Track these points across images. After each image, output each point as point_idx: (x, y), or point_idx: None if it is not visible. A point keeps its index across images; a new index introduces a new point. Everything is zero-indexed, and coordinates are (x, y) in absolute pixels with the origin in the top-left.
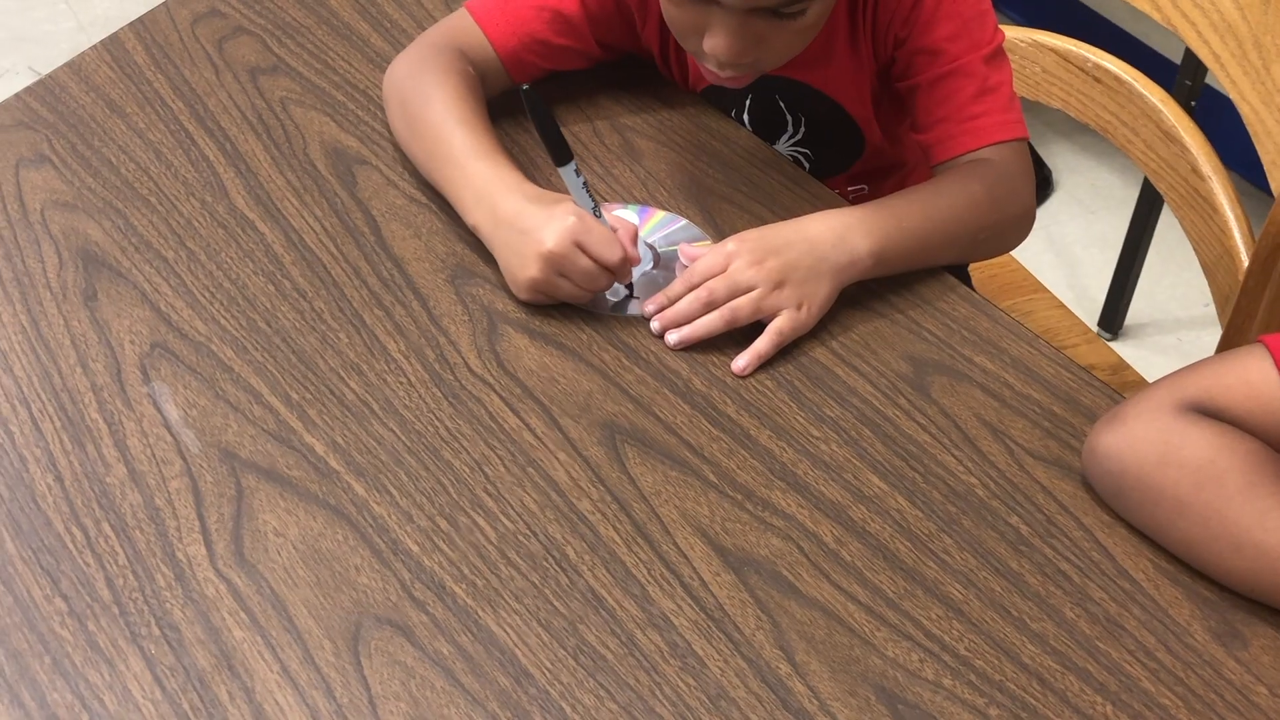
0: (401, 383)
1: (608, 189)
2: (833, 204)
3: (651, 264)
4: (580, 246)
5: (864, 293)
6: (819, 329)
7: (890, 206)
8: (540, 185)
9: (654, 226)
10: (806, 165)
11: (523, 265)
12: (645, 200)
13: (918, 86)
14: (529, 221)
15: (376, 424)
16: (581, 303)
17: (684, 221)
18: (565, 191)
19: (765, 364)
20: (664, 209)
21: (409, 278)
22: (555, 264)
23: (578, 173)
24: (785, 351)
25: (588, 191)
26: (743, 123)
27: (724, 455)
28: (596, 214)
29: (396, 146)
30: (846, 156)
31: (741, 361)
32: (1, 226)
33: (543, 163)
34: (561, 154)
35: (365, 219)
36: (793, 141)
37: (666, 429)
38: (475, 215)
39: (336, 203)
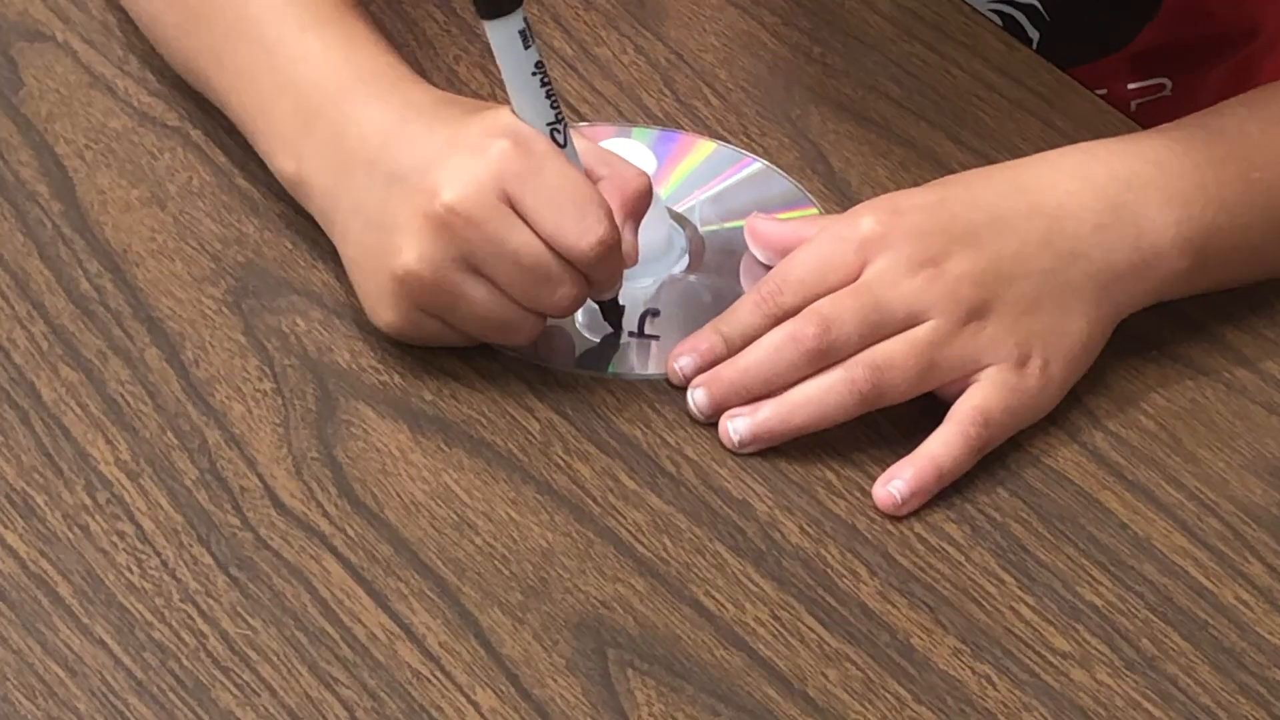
0: (122, 535)
1: (590, 96)
2: (1093, 125)
3: (683, 257)
4: (515, 204)
5: (1156, 322)
6: (1066, 408)
7: (1222, 137)
8: (446, 87)
9: (690, 175)
10: (1034, 35)
11: (388, 250)
12: (671, 117)
13: None
14: (412, 153)
15: (67, 628)
16: (519, 343)
17: (758, 164)
18: (500, 99)
19: (951, 486)
20: (713, 137)
21: (137, 293)
22: (460, 242)
23: (527, 38)
24: (991, 461)
25: (545, 86)
26: None
27: (856, 695)
28: (560, 139)
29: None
30: (1122, 15)
31: (898, 485)
32: None
33: (464, 33)
34: None
35: (42, 160)
36: None
37: (720, 636)
38: (298, 149)
39: None
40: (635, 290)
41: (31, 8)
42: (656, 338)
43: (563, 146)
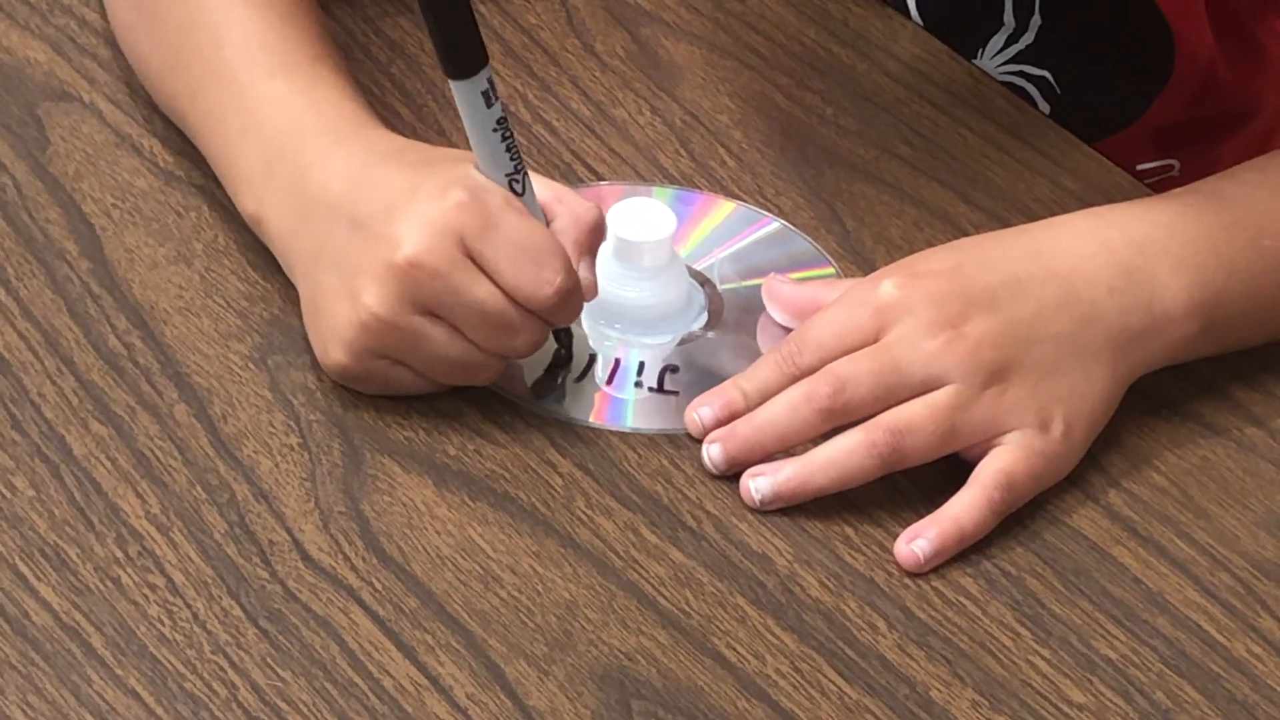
0: (153, 587)
1: (608, 156)
2: (1102, 186)
3: (702, 314)
4: (474, 256)
5: (1167, 380)
6: (1079, 465)
7: (1233, 203)
8: (413, 135)
9: (710, 234)
10: (1045, 106)
11: (349, 293)
12: (688, 177)
13: None
14: (373, 199)
15: (100, 679)
16: (478, 384)
17: (775, 223)
18: (466, 147)
19: (972, 546)
20: (730, 197)
21: (165, 349)
22: (423, 291)
23: (490, 97)
24: (1006, 517)
25: (505, 140)
26: (905, 10)
27: None
28: (518, 188)
29: (125, 62)
30: (1136, 86)
31: (921, 544)
32: None
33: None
34: (467, 54)
35: (70, 218)
36: (1016, 51)
37: (742, 687)
38: (260, 191)
39: (7, 183)
40: (655, 347)
41: (58, 69)
42: (676, 393)
43: (521, 195)
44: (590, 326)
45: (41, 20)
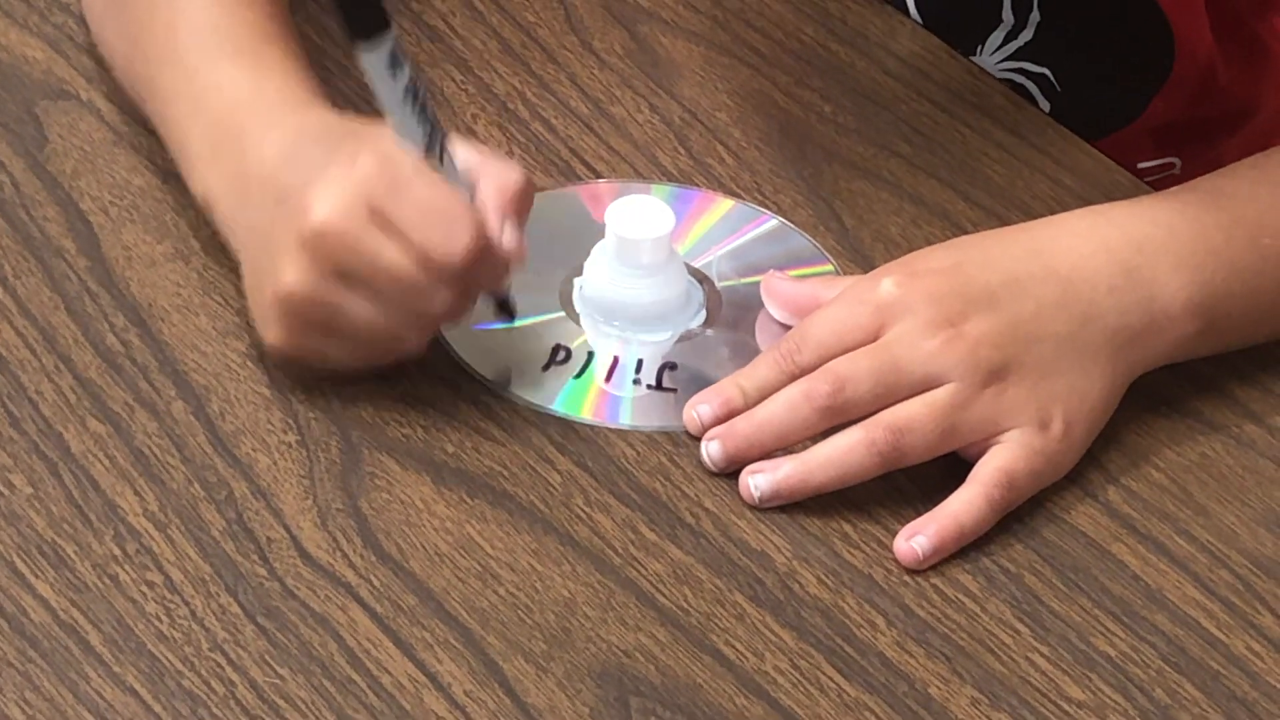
0: (151, 585)
1: (606, 154)
2: (1101, 183)
3: (700, 311)
4: (384, 220)
5: (1166, 378)
6: (1079, 463)
7: (1232, 201)
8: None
9: (708, 231)
10: (1045, 104)
11: (269, 271)
12: (686, 174)
13: None
14: (294, 174)
15: (98, 677)
16: (409, 353)
17: (774, 220)
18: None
19: (972, 543)
20: (728, 195)
21: (163, 347)
22: (333, 259)
23: (395, 63)
24: (1005, 514)
25: (417, 105)
26: (904, 7)
27: None
28: (436, 155)
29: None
30: (1136, 84)
31: (920, 540)
32: None
33: (480, 91)
34: (366, 17)
35: (68, 216)
36: (1015, 48)
37: (740, 685)
38: (206, 173)
39: (5, 181)
40: (653, 344)
41: (55, 67)
42: (674, 390)
43: (440, 161)
44: (588, 324)
45: (40, 19)
